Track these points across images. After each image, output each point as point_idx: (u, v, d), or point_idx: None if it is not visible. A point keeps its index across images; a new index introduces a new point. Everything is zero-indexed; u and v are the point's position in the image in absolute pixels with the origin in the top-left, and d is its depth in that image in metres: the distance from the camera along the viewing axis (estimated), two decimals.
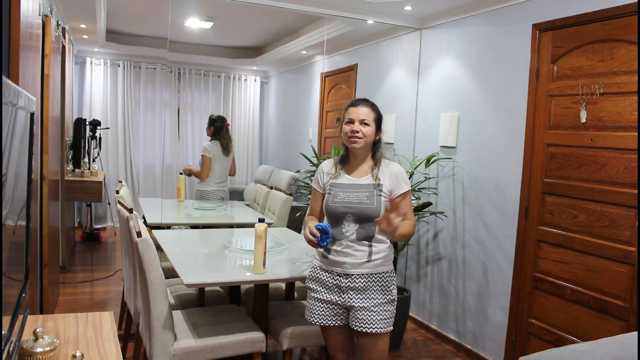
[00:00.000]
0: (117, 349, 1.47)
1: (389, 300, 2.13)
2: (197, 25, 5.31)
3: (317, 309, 2.19)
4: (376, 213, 2.09)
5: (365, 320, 2.10)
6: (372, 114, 2.18)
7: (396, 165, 2.21)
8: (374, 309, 2.10)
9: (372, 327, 2.09)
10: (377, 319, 2.09)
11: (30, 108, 1.47)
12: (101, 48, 6.18)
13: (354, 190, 2.15)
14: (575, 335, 2.73)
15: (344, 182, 2.19)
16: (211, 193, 4.66)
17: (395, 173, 2.17)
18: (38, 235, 2.94)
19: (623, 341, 1.54)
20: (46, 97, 3.17)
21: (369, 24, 4.15)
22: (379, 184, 2.14)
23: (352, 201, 2.12)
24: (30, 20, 2.52)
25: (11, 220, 1.25)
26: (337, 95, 5.37)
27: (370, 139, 2.17)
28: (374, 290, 2.11)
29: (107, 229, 6.48)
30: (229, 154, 4.69)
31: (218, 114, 4.92)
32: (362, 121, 2.15)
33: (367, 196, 2.12)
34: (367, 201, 2.11)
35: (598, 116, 2.64)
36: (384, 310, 2.11)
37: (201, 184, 4.68)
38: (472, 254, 3.47)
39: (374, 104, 2.24)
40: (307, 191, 4.84)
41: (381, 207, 2.10)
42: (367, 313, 2.10)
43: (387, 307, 2.12)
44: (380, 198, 2.12)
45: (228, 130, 4.73)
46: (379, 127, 2.21)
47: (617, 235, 2.53)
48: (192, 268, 2.51)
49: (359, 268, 2.10)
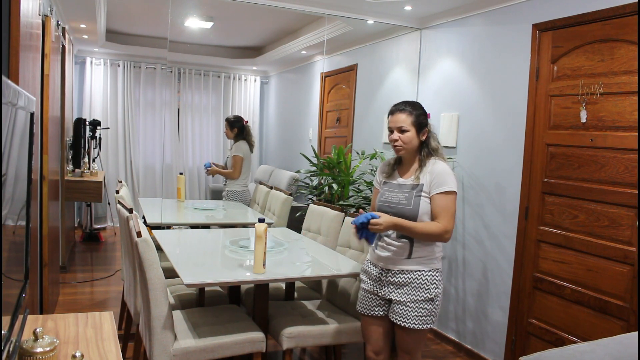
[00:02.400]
0: (117, 349, 1.47)
1: (425, 298, 2.15)
2: (197, 25, 5.31)
3: (362, 298, 2.32)
4: (413, 214, 2.14)
5: (401, 314, 2.17)
6: (409, 119, 2.18)
7: (440, 165, 2.18)
8: (410, 305, 2.15)
9: (407, 322, 2.15)
10: (412, 315, 2.15)
11: (30, 108, 1.47)
12: (101, 48, 6.18)
13: (397, 191, 2.22)
14: (575, 335, 2.73)
15: (394, 182, 2.27)
16: (242, 193, 4.65)
17: (436, 172, 2.16)
18: (38, 235, 2.94)
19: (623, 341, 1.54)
20: (46, 97, 3.17)
21: (369, 24, 4.15)
22: (418, 184, 2.17)
23: (392, 201, 2.21)
24: (30, 20, 2.52)
25: (11, 220, 1.25)
26: (337, 95, 5.37)
27: (412, 144, 2.20)
28: (412, 286, 2.16)
29: (107, 229, 6.48)
30: (253, 150, 4.75)
31: (235, 115, 4.94)
32: (400, 129, 2.18)
33: (406, 197, 2.18)
34: (404, 202, 2.17)
35: (598, 116, 2.64)
36: (420, 308, 2.15)
37: (232, 184, 4.64)
38: (472, 254, 3.47)
39: (414, 106, 2.23)
40: (307, 191, 4.84)
41: (419, 208, 2.13)
42: (403, 308, 2.16)
43: (424, 304, 2.15)
44: (419, 199, 2.15)
45: (249, 128, 4.76)
46: (421, 128, 2.20)
47: (617, 235, 2.53)
48: (192, 268, 2.51)
49: (399, 264, 2.18)
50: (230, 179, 4.65)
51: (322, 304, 2.92)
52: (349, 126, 5.03)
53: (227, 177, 4.69)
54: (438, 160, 2.20)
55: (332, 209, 3.35)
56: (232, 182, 4.64)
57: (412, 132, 2.19)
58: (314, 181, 4.90)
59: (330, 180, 4.33)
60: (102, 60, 6.44)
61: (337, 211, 3.29)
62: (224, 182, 4.88)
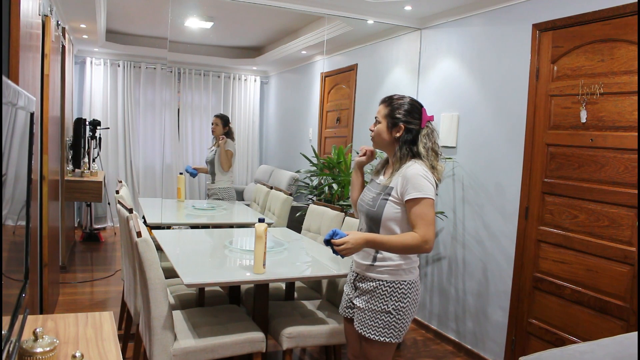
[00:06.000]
0: (117, 349, 1.47)
1: (382, 310, 2.01)
2: (197, 25, 5.31)
3: (342, 299, 2.26)
4: (377, 217, 2.01)
5: (360, 320, 2.07)
6: (383, 111, 2.06)
7: (414, 168, 1.96)
8: (368, 313, 2.04)
9: (364, 330, 2.05)
10: (370, 324, 2.03)
11: (30, 108, 1.47)
12: (101, 48, 6.17)
13: (372, 190, 2.10)
14: (575, 335, 2.73)
15: (375, 181, 2.14)
16: (227, 190, 4.77)
17: (407, 176, 1.95)
18: (38, 235, 2.94)
19: (623, 341, 1.54)
20: (46, 97, 3.17)
21: (369, 24, 4.15)
22: (388, 186, 2.02)
23: (365, 201, 2.10)
24: (30, 20, 2.52)
25: (11, 220, 1.25)
26: (337, 95, 5.37)
27: (381, 137, 2.07)
28: (372, 295, 2.04)
29: (107, 229, 6.48)
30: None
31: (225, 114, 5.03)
32: (375, 119, 2.10)
33: (373, 198, 2.05)
34: (371, 203, 2.05)
35: (598, 116, 2.64)
36: (376, 318, 2.02)
37: (218, 181, 4.72)
38: (472, 254, 3.47)
39: (398, 98, 2.06)
40: (307, 191, 4.84)
41: (382, 211, 1.99)
42: (362, 315, 2.06)
43: (381, 316, 2.01)
44: (384, 202, 2.00)
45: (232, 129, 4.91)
46: (395, 124, 2.02)
47: (617, 235, 2.53)
48: (192, 268, 2.51)
49: (365, 271, 2.08)
50: (221, 170, 4.73)
51: (322, 304, 2.92)
52: (349, 126, 5.03)
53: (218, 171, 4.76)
54: (416, 163, 1.98)
55: (332, 209, 3.35)
56: (219, 180, 4.71)
57: (383, 125, 2.05)
58: (314, 181, 4.91)
59: (330, 180, 4.33)
60: (102, 60, 6.44)
61: (337, 211, 3.29)
62: (207, 181, 4.94)
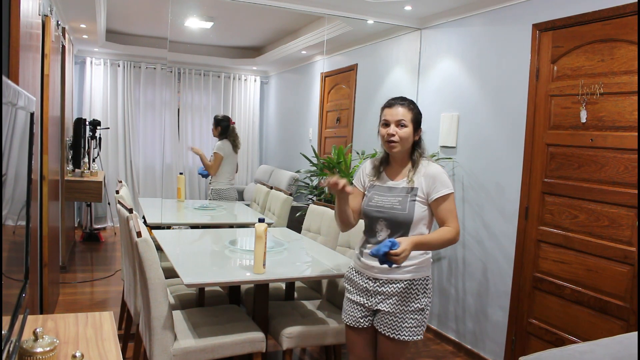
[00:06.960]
0: (117, 349, 1.47)
1: (416, 308, 2.03)
2: (197, 25, 5.31)
3: (348, 308, 2.17)
4: (408, 219, 2.00)
5: (389, 325, 2.04)
6: (409, 114, 2.05)
7: (434, 167, 2.06)
8: (400, 316, 2.03)
9: (396, 334, 2.03)
10: (402, 326, 2.03)
11: (30, 108, 1.47)
12: (101, 48, 6.18)
13: (388, 195, 2.07)
14: (575, 335, 2.73)
15: (383, 185, 2.12)
16: (226, 191, 4.76)
17: (432, 175, 2.02)
18: (38, 235, 2.94)
19: (623, 341, 1.54)
20: (46, 97, 3.17)
21: (369, 24, 4.15)
22: (413, 187, 2.03)
23: (384, 206, 2.06)
24: (30, 20, 2.52)
25: (11, 220, 1.25)
26: (337, 95, 5.37)
27: (408, 142, 2.06)
28: (402, 296, 2.03)
29: (107, 229, 6.48)
30: (238, 151, 4.82)
31: (223, 114, 5.04)
32: (399, 122, 2.04)
33: (400, 201, 2.03)
34: (398, 207, 2.02)
35: (598, 116, 2.64)
36: (409, 319, 2.03)
37: (216, 183, 4.74)
38: (472, 254, 3.47)
39: (412, 102, 2.10)
40: (307, 191, 4.84)
41: (414, 212, 2.00)
42: (392, 318, 2.04)
43: (414, 315, 2.03)
44: (413, 204, 2.01)
45: (234, 129, 4.84)
46: (418, 127, 2.08)
47: (617, 235, 2.53)
48: (192, 268, 2.51)
49: (388, 273, 2.04)
50: (206, 171, 4.75)
51: (322, 304, 2.92)
52: (349, 126, 5.03)
53: (205, 167, 4.78)
54: (430, 162, 2.08)
55: (332, 209, 3.35)
56: (216, 181, 4.73)
57: (410, 129, 2.04)
58: (314, 181, 4.91)
59: None
60: (102, 60, 6.44)
61: None
62: (209, 181, 4.95)
